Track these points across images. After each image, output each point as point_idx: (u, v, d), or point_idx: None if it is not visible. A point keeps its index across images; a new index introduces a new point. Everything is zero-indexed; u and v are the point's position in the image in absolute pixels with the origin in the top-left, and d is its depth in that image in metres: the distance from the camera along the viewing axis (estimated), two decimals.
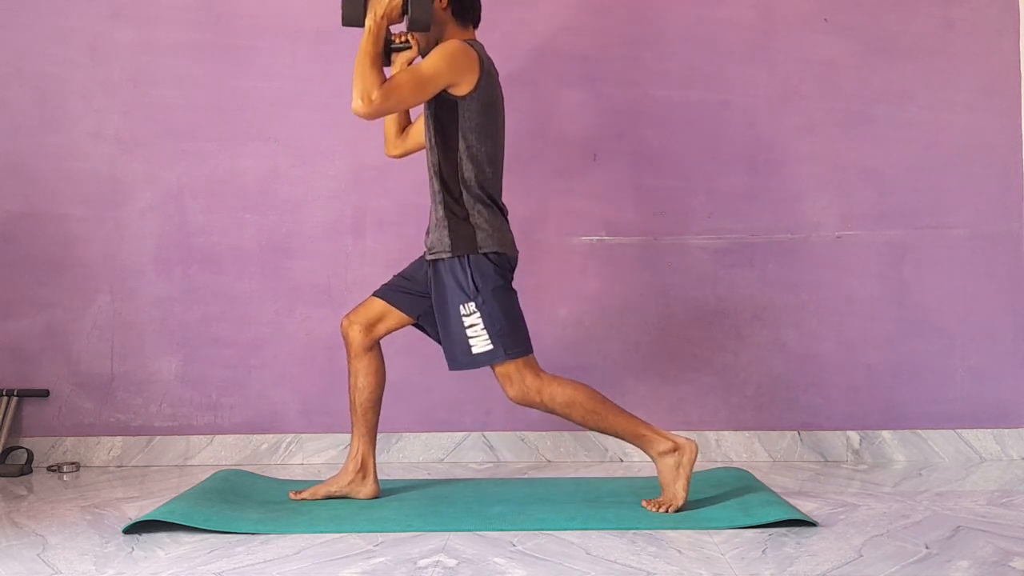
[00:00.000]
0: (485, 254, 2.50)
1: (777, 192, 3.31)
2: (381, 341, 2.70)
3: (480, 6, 2.67)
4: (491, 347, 2.47)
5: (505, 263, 2.54)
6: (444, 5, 2.58)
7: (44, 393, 3.27)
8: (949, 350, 3.28)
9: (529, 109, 3.31)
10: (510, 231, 2.59)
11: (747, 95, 3.33)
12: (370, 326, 2.65)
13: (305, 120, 3.32)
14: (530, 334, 2.51)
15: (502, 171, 2.63)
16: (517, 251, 2.61)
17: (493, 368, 2.51)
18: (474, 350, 2.48)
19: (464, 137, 2.51)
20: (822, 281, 3.30)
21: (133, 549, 2.17)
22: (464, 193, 2.52)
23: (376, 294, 2.70)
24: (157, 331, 3.30)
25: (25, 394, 3.25)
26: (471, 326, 2.48)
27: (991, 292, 3.29)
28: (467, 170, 2.52)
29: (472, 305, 2.48)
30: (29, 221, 3.32)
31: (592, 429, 2.56)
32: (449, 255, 2.51)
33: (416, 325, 2.71)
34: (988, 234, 3.29)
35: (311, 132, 3.32)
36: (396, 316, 2.67)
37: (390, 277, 3.28)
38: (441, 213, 2.54)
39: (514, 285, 2.62)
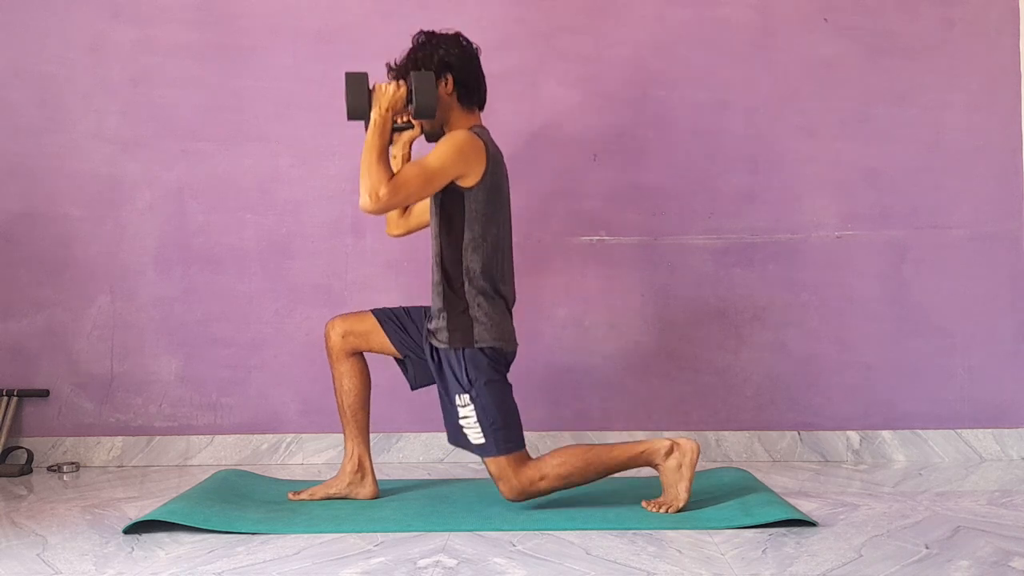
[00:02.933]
0: (481, 348, 2.49)
1: (777, 192, 3.31)
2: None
3: (485, 90, 2.65)
4: (483, 440, 2.48)
5: (500, 357, 2.53)
6: (449, 90, 2.58)
7: (44, 393, 3.27)
8: (949, 350, 3.28)
9: (529, 110, 3.31)
10: (511, 323, 2.58)
11: (747, 95, 3.33)
12: (349, 335, 2.64)
13: (305, 120, 3.32)
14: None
15: (510, 256, 2.61)
16: (516, 344, 2.60)
17: (485, 461, 2.51)
18: (469, 439, 2.50)
19: (470, 227, 2.50)
20: (822, 281, 3.29)
21: (133, 549, 2.17)
22: (466, 284, 2.51)
23: (373, 311, 2.68)
24: (157, 331, 3.30)
25: (25, 394, 3.25)
26: (465, 417, 2.49)
27: (991, 292, 3.29)
28: (471, 260, 2.50)
29: (467, 397, 2.48)
30: (29, 221, 3.32)
31: (600, 477, 2.53)
32: (446, 347, 2.51)
33: (399, 361, 2.71)
34: (988, 234, 3.29)
35: (311, 132, 3.32)
36: (380, 341, 2.66)
37: (390, 277, 3.30)
38: (440, 304, 2.53)
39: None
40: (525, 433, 2.57)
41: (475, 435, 2.48)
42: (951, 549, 2.10)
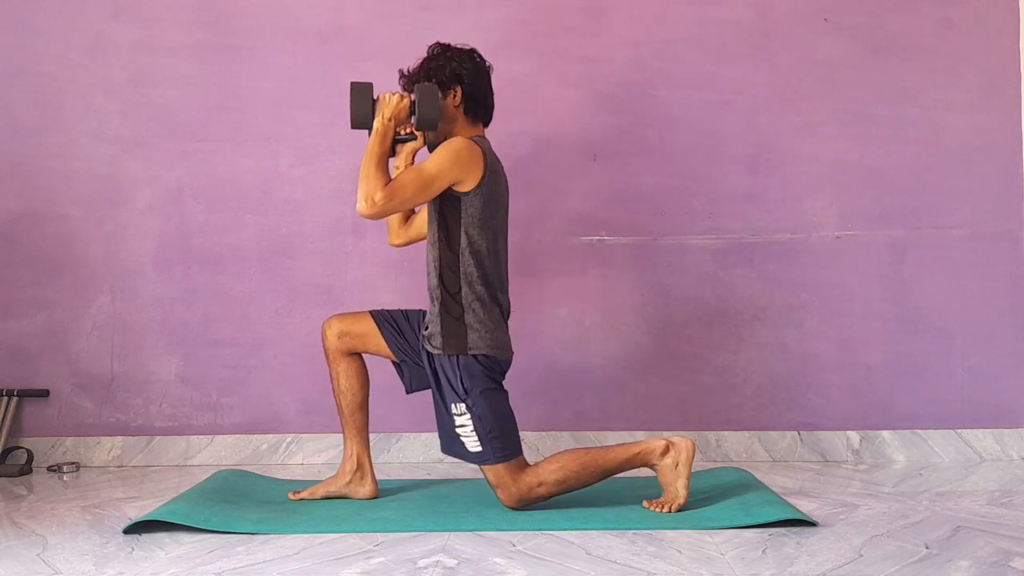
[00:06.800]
0: (475, 356, 2.49)
1: (777, 192, 3.32)
2: None
3: (492, 106, 2.67)
4: (480, 449, 2.48)
5: (495, 365, 2.53)
6: (457, 102, 2.60)
7: (44, 393, 3.27)
8: (949, 350, 3.28)
9: (529, 109, 3.31)
10: (506, 332, 2.58)
11: (747, 95, 3.33)
12: (346, 335, 2.65)
13: (305, 120, 3.32)
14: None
15: (505, 264, 2.62)
16: (511, 352, 2.60)
17: (483, 469, 2.51)
18: (467, 447, 2.50)
19: (467, 232, 2.51)
20: (822, 281, 3.30)
21: (133, 549, 2.17)
22: (464, 289, 2.51)
23: (372, 312, 2.69)
24: (157, 331, 3.30)
25: (25, 394, 3.25)
26: (462, 426, 2.49)
27: (991, 292, 3.29)
28: (468, 265, 2.51)
29: (463, 406, 2.49)
30: (29, 221, 3.32)
31: (598, 481, 2.53)
32: (440, 353, 2.51)
33: (395, 365, 2.71)
34: (988, 234, 3.29)
35: (311, 132, 3.32)
36: (377, 344, 2.66)
37: (390, 277, 3.30)
38: (436, 309, 2.54)
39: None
40: (525, 434, 2.57)
41: (472, 443, 2.49)
42: (951, 549, 2.10)
